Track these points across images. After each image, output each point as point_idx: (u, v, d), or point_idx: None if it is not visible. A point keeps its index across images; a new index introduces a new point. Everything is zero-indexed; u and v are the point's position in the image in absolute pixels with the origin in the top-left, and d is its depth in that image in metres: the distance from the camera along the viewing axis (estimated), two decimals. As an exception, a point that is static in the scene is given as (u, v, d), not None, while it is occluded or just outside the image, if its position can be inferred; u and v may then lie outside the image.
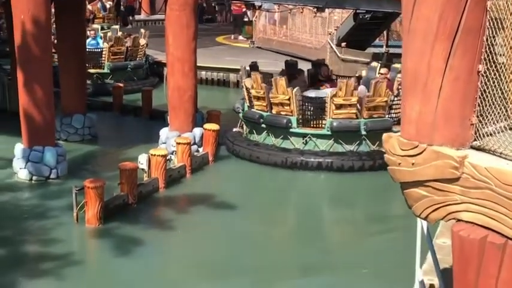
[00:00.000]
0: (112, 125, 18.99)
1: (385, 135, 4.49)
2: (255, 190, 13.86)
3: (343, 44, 24.72)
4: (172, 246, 11.09)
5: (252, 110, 15.18)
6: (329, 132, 14.30)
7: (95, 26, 28.29)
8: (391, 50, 25.49)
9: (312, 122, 14.61)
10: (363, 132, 14.25)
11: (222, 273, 9.95)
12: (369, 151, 14.42)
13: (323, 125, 14.41)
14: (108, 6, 34.79)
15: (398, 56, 24.43)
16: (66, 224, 11.32)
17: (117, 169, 12.39)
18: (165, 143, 15.10)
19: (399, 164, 4.33)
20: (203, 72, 25.87)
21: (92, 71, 22.70)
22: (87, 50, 22.76)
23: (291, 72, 16.09)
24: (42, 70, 13.52)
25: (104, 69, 23.22)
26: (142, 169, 13.09)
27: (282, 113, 14.48)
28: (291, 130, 14.45)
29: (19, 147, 13.75)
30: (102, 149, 16.42)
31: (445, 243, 7.70)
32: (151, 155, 13.19)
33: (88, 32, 25.48)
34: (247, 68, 16.23)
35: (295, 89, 14.29)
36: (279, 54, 29.72)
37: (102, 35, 25.16)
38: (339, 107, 14.23)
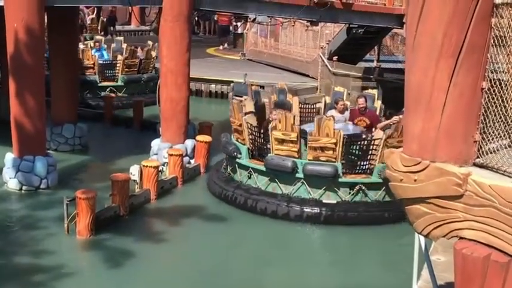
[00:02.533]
0: (103, 136, 18.89)
1: (386, 151, 4.48)
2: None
3: (335, 58, 24.79)
4: (163, 258, 10.98)
5: (276, 156, 12.57)
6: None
7: (98, 37, 28.13)
8: (382, 65, 25.62)
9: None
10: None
11: (212, 285, 9.88)
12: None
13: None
14: (88, 16, 34.75)
15: (389, 70, 24.57)
16: (57, 235, 11.20)
17: (108, 180, 12.31)
18: (156, 154, 15.03)
19: (401, 180, 4.32)
20: (195, 84, 25.92)
21: (105, 84, 22.67)
22: (101, 63, 22.83)
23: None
24: (34, 79, 13.44)
25: (117, 82, 23.08)
26: (134, 180, 13.01)
27: (321, 159, 12.28)
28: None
29: (9, 157, 13.63)
30: (92, 159, 16.32)
31: (440, 260, 7.68)
32: (143, 166, 13.12)
33: (91, 43, 25.49)
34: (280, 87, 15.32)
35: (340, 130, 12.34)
36: (270, 66, 29.81)
37: (106, 46, 25.11)
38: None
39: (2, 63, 19.26)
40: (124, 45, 25.00)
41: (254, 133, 13.08)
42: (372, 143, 12.35)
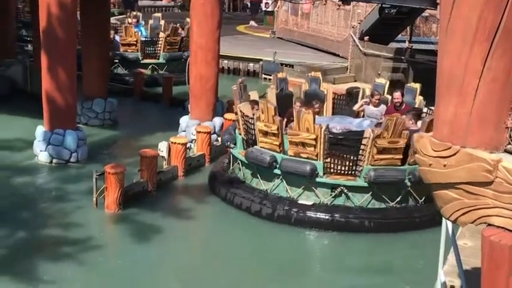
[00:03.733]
0: (132, 111, 19.04)
1: (416, 135, 4.44)
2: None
3: (366, 38, 24.55)
4: (189, 234, 11.13)
5: (257, 148, 11.72)
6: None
7: (137, 13, 28.17)
8: (414, 46, 25.30)
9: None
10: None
11: (238, 260, 9.99)
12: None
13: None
14: None
15: (421, 52, 24.28)
16: (86, 209, 11.37)
17: (137, 155, 12.44)
18: (185, 131, 15.11)
19: (430, 165, 4.28)
20: (224, 62, 25.93)
21: (147, 61, 22.71)
22: (143, 40, 22.90)
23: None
24: (66, 54, 13.56)
25: (159, 59, 23.12)
26: (162, 156, 13.12)
27: (302, 155, 11.26)
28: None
29: (40, 130, 13.82)
30: (122, 134, 16.46)
31: (466, 245, 7.63)
32: (172, 142, 13.20)
33: (129, 19, 25.58)
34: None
35: (324, 128, 11.15)
36: (300, 45, 29.62)
37: (143, 23, 25.17)
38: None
39: (35, 37, 19.51)
40: (162, 22, 25.05)
41: (248, 123, 11.98)
42: (360, 142, 11.02)
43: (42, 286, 8.77)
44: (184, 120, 15.37)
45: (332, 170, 11.27)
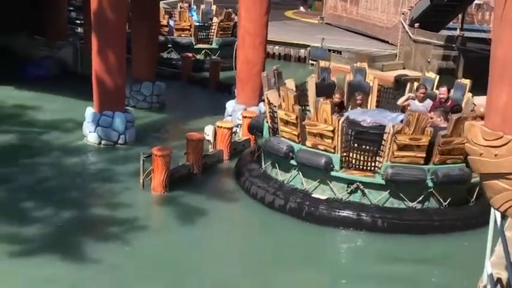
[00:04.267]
0: (180, 95, 19.18)
1: (467, 124, 4.36)
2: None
3: (416, 24, 24.19)
4: (233, 216, 11.20)
5: (275, 137, 11.51)
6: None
7: None
8: (466, 34, 24.83)
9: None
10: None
11: (283, 243, 9.99)
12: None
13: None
14: None
15: (473, 40, 23.80)
16: (132, 190, 11.54)
17: (183, 138, 12.55)
18: (231, 115, 15.16)
19: (481, 154, 4.20)
20: (271, 47, 25.89)
21: (200, 46, 22.86)
22: (196, 25, 23.05)
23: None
24: (116, 37, 13.73)
25: (212, 44, 23.25)
26: (208, 140, 13.21)
27: (319, 147, 10.85)
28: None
29: (90, 111, 14.05)
30: (169, 117, 16.63)
31: (515, 237, 7.50)
32: (218, 127, 13.28)
33: (181, 4, 25.79)
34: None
35: (342, 119, 10.73)
36: (349, 31, 29.38)
37: (195, 7, 25.33)
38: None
39: (85, 20, 19.82)
40: (213, 7, 25.14)
41: (273, 111, 11.61)
42: (381, 137, 10.50)
43: (88, 265, 8.93)
44: (230, 105, 15.43)
45: (350, 165, 10.78)
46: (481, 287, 7.01)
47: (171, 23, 23.00)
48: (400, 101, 12.47)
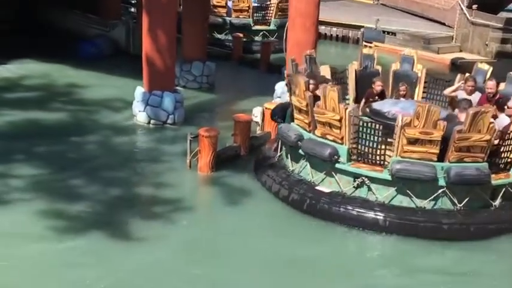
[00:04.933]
0: (229, 75, 19.11)
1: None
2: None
3: (475, 6, 23.46)
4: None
5: (286, 125, 11.12)
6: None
7: None
8: (526, 16, 23.99)
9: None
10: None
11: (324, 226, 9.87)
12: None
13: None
14: None
15: (534, 22, 22.95)
16: (179, 170, 11.56)
17: (231, 119, 12.47)
18: (280, 97, 15.00)
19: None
20: (328, 28, 25.59)
21: (258, 27, 22.71)
22: (255, 6, 22.88)
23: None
24: (166, 16, 13.70)
25: (270, 26, 23.05)
26: (256, 122, 13.11)
27: (328, 137, 10.30)
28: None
29: (139, 91, 14.10)
30: (218, 98, 16.59)
31: None
32: (266, 108, 13.14)
33: None
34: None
35: (350, 108, 10.07)
36: (404, 12, 28.76)
37: None
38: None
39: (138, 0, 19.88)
40: None
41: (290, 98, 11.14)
42: (391, 130, 9.77)
43: (133, 243, 9.00)
44: (280, 86, 15.26)
45: (359, 158, 10.15)
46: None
47: (229, 3, 22.85)
48: (447, 91, 11.63)
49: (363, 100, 11.72)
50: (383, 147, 9.92)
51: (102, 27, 20.86)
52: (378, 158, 10.01)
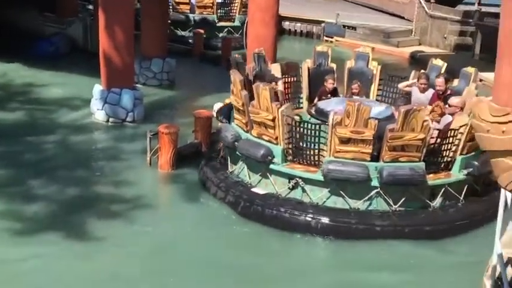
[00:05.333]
0: (190, 72, 18.95)
1: (475, 99, 4.13)
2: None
3: (433, -1, 23.73)
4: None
5: (226, 125, 10.87)
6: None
7: None
8: (483, 9, 24.31)
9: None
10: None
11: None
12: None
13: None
14: None
15: (491, 15, 23.26)
16: (139, 168, 11.40)
17: (192, 116, 12.35)
18: (241, 92, 14.91)
19: (488, 130, 3.97)
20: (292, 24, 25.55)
21: (222, 24, 22.50)
22: (218, 2, 22.59)
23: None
24: (123, 13, 13.52)
25: (234, 22, 22.88)
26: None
27: (264, 137, 9.97)
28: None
29: (97, 89, 13.88)
30: (178, 94, 16.44)
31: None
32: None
33: None
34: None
35: (282, 108, 9.69)
36: (365, 7, 28.93)
37: None
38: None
39: (95, -4, 19.59)
40: None
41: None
42: (319, 127, 9.50)
43: (93, 242, 8.82)
44: (240, 82, 15.16)
45: (295, 158, 9.81)
46: (490, 267, 6.80)
47: (193, 0, 22.65)
48: (401, 85, 11.25)
49: (316, 98, 11.48)
50: (317, 147, 9.63)
51: (59, 25, 20.52)
52: (312, 158, 9.69)
